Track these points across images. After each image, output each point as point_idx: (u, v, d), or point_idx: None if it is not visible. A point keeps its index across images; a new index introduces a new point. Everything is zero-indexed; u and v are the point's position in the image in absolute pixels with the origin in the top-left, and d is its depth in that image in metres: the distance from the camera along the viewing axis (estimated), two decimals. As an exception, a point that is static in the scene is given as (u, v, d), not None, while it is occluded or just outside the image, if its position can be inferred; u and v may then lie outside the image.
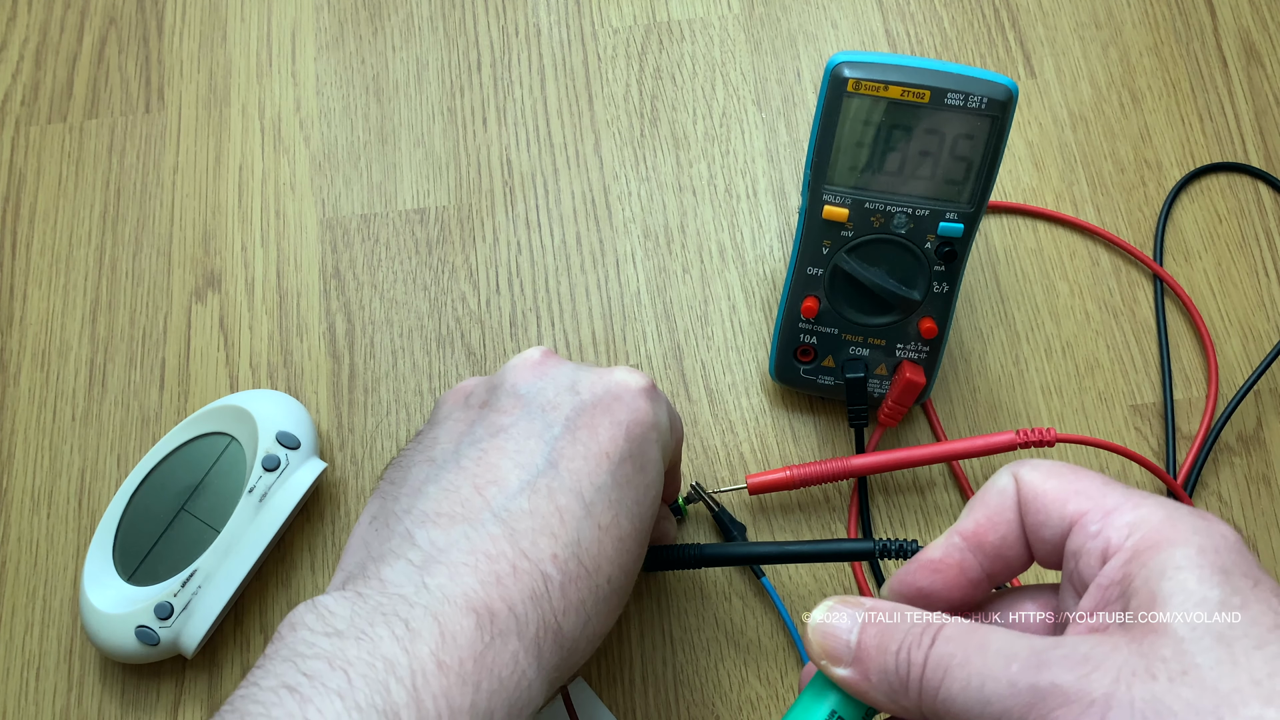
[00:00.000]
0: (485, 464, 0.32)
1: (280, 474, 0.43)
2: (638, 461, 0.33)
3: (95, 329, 0.49)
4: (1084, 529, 0.26)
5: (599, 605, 0.31)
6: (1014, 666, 0.24)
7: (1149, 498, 0.26)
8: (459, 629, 0.28)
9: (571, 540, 0.30)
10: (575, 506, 0.31)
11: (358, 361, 0.49)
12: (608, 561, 0.31)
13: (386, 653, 0.26)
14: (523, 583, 0.29)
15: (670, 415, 0.36)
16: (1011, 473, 0.28)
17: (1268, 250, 0.51)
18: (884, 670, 0.26)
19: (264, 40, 0.55)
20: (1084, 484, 0.27)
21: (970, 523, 0.28)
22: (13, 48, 0.54)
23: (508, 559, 0.29)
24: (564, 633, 0.30)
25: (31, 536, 0.46)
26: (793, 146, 0.53)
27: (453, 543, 0.30)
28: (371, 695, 0.25)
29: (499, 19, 0.55)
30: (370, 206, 0.51)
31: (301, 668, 0.26)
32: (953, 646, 0.25)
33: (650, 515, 0.33)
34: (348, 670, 0.26)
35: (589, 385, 0.34)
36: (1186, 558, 0.24)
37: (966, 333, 0.49)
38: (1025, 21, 0.55)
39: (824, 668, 0.28)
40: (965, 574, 0.28)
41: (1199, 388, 0.48)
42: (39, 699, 0.44)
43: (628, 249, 0.51)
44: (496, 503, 0.31)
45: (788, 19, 0.55)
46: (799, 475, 0.44)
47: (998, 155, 0.41)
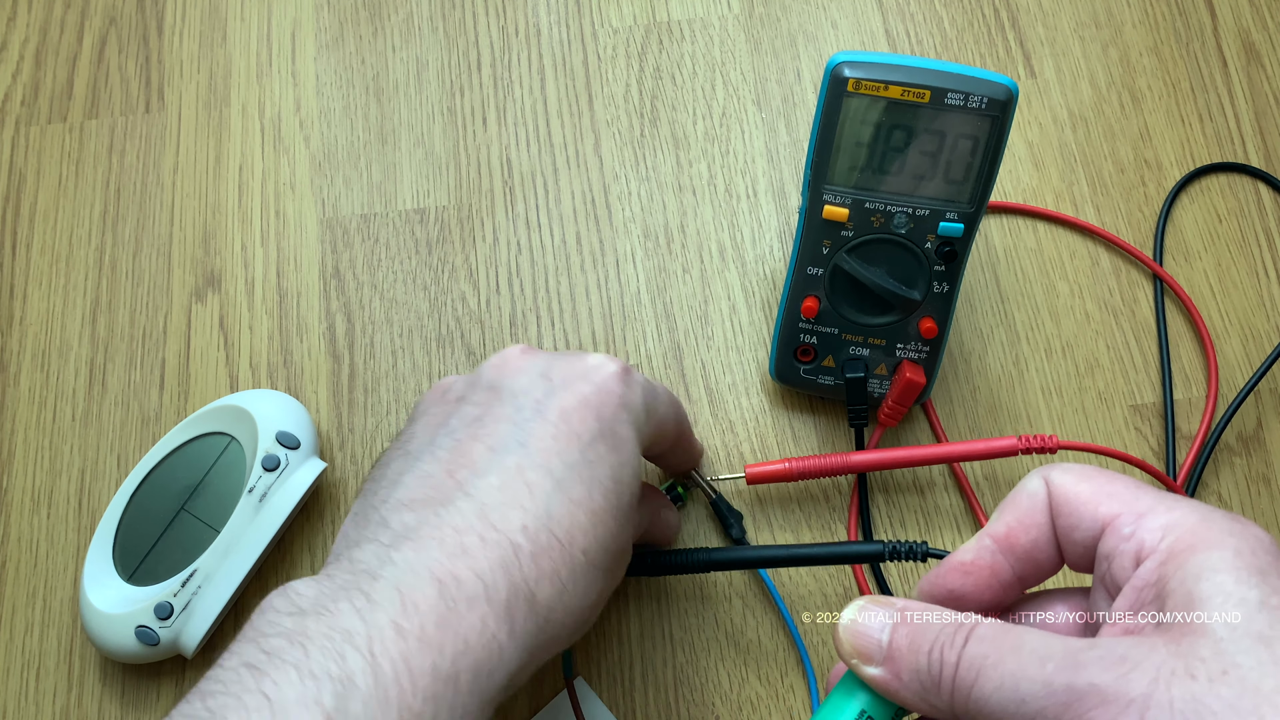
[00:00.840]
0: (459, 451, 0.33)
1: (280, 474, 0.43)
2: (610, 441, 0.33)
3: (95, 329, 0.49)
4: (1117, 531, 0.26)
5: (575, 577, 0.31)
6: (1049, 666, 0.24)
7: (1182, 501, 0.26)
8: (421, 596, 0.28)
9: (542, 513, 0.31)
10: (545, 481, 0.32)
11: (358, 361, 0.49)
12: (581, 534, 0.32)
13: (345, 624, 0.27)
14: (491, 552, 0.30)
15: (653, 395, 0.36)
16: (1042, 476, 0.28)
17: (1268, 250, 0.51)
18: (916, 670, 0.26)
19: (264, 40, 0.55)
20: (1116, 487, 0.27)
21: (1002, 525, 0.28)
22: (13, 48, 0.54)
23: (475, 531, 0.30)
24: (538, 600, 0.30)
25: (31, 536, 0.46)
26: (793, 146, 0.53)
27: (423, 521, 0.30)
28: (326, 663, 0.26)
29: (499, 19, 0.55)
30: (370, 206, 0.51)
31: (263, 646, 0.27)
32: (986, 646, 0.25)
33: (628, 493, 0.34)
34: (305, 644, 0.27)
35: (561, 371, 0.35)
36: (1223, 560, 0.24)
37: (966, 333, 0.49)
38: (1025, 21, 0.55)
39: (855, 667, 0.28)
40: (996, 576, 0.28)
41: (1199, 388, 0.48)
42: (39, 699, 0.44)
43: (628, 249, 0.51)
44: (467, 483, 0.32)
45: (788, 19, 0.55)
46: (798, 467, 0.44)
47: (998, 155, 0.41)
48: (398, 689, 0.27)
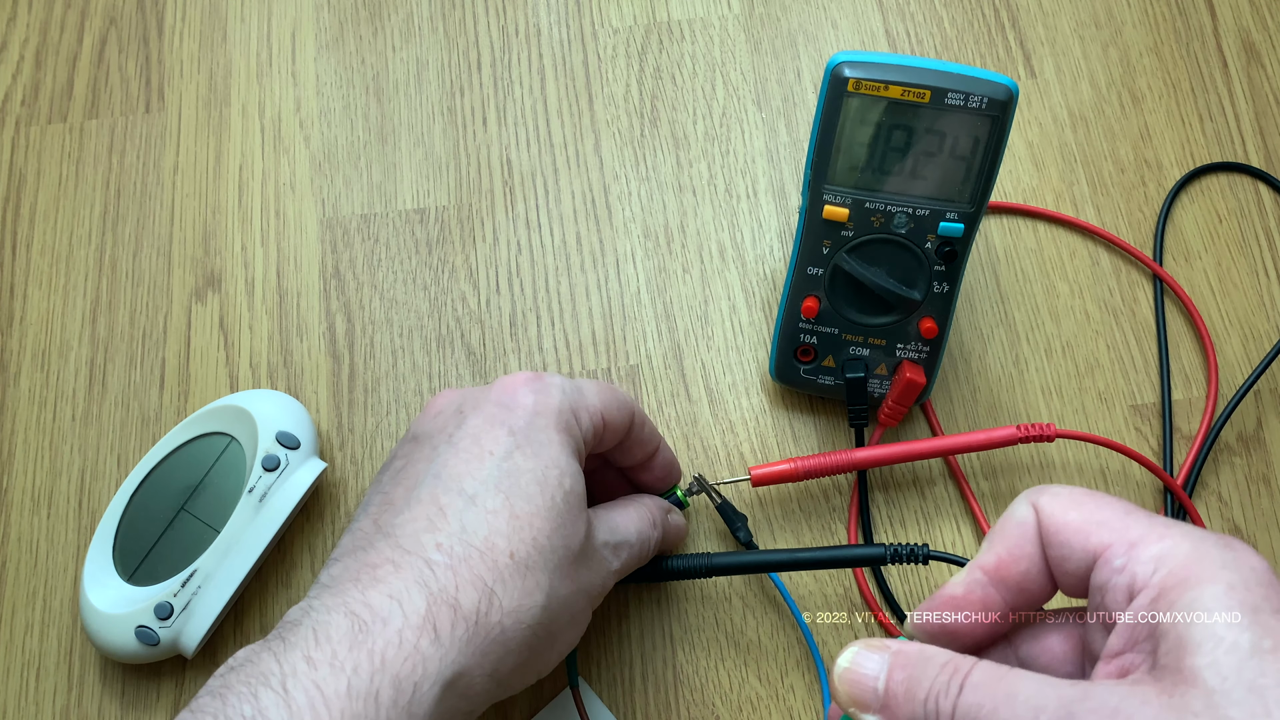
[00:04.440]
0: (384, 502, 0.35)
1: (280, 474, 0.43)
2: (528, 449, 0.35)
3: (95, 329, 0.49)
4: (1108, 564, 0.25)
5: (503, 579, 0.32)
6: (1042, 719, 0.23)
7: (1173, 526, 0.25)
8: (334, 628, 0.30)
9: (456, 529, 0.33)
10: (456, 501, 0.33)
11: (358, 361, 0.49)
12: (503, 539, 0.33)
13: (263, 669, 0.29)
14: (405, 574, 0.32)
15: (577, 393, 0.37)
16: (1030, 502, 0.28)
17: (1268, 250, 0.51)
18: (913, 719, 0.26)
19: (264, 40, 0.55)
20: (1106, 514, 0.26)
21: (991, 557, 0.28)
22: (13, 48, 0.54)
23: (389, 560, 0.32)
24: (463, 606, 0.31)
25: (31, 536, 0.46)
26: (793, 146, 0.53)
27: (344, 568, 0.33)
28: (241, 706, 0.28)
29: (499, 19, 0.55)
30: (370, 206, 0.51)
31: (192, 707, 0.29)
32: (980, 695, 0.25)
33: (559, 493, 0.34)
34: (225, 694, 0.29)
35: (472, 399, 0.37)
36: (1215, 598, 0.23)
37: (966, 333, 0.49)
38: (1025, 21, 0.55)
39: (852, 714, 0.28)
40: (988, 608, 0.28)
41: (1199, 388, 0.48)
42: (39, 699, 0.44)
43: (628, 249, 0.51)
44: (386, 524, 0.34)
45: (788, 19, 0.55)
46: (803, 467, 0.44)
47: (998, 155, 0.41)
48: (312, 714, 0.28)
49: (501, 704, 0.43)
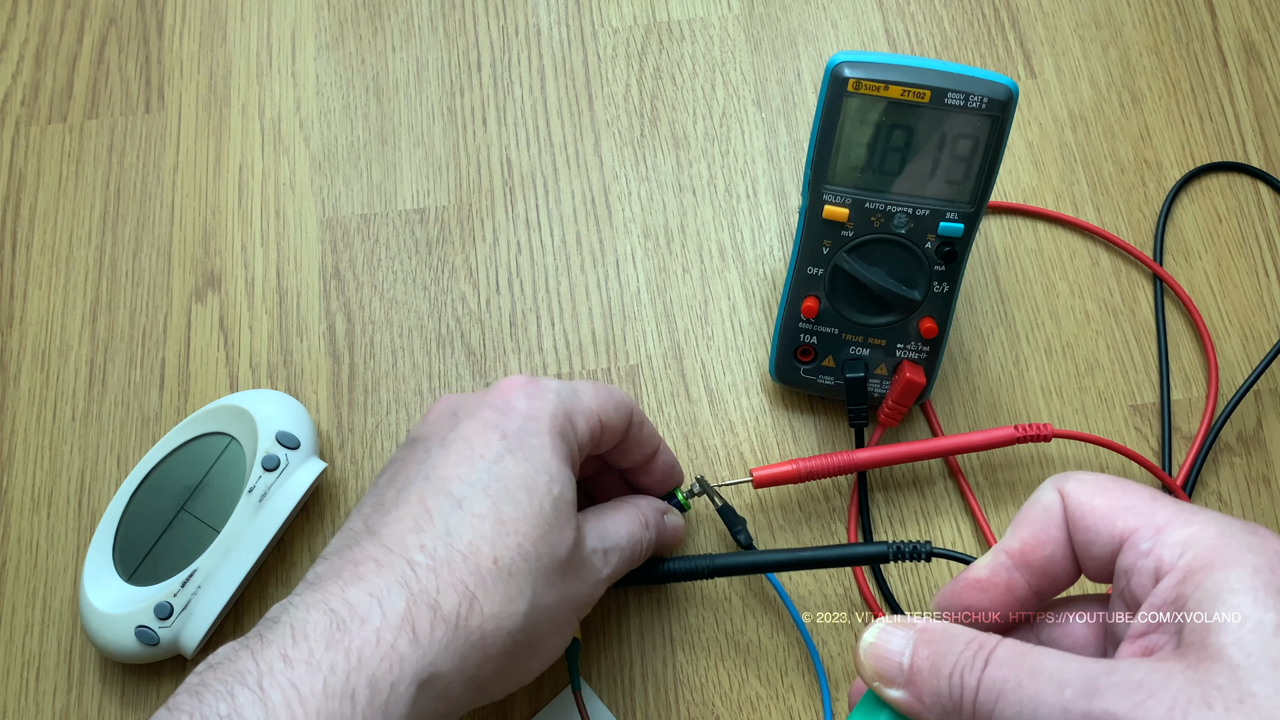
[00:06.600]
0: (376, 503, 0.35)
1: (280, 474, 0.43)
2: (519, 453, 0.35)
3: (95, 329, 0.49)
4: (1135, 547, 0.26)
5: (486, 583, 0.32)
6: (1067, 692, 0.24)
7: (1199, 512, 0.25)
8: (311, 626, 0.30)
9: (440, 531, 0.33)
10: (443, 504, 0.34)
11: (358, 361, 0.49)
12: (488, 544, 0.33)
13: (240, 667, 0.29)
14: (387, 573, 0.32)
15: (573, 395, 0.37)
16: (1056, 487, 0.28)
17: (1268, 250, 0.51)
18: (937, 693, 0.26)
19: (264, 40, 0.55)
20: (1132, 499, 0.27)
21: (1016, 540, 0.28)
22: (13, 48, 0.54)
23: (372, 559, 0.32)
24: (443, 608, 0.31)
25: (31, 536, 0.46)
26: (793, 146, 0.53)
27: (329, 566, 0.33)
28: (216, 704, 0.28)
29: (499, 19, 0.55)
30: (370, 206, 0.51)
31: (170, 705, 0.29)
32: (1005, 670, 0.25)
33: (548, 499, 0.34)
34: (202, 692, 0.29)
35: (468, 404, 0.37)
36: (1241, 579, 0.23)
37: (966, 333, 0.49)
38: (1025, 21, 0.55)
39: (877, 689, 0.28)
40: (1013, 592, 0.28)
41: (1199, 388, 0.48)
42: (39, 699, 0.44)
43: (628, 249, 0.51)
44: (374, 524, 0.34)
45: (788, 19, 0.55)
46: (805, 468, 0.44)
47: (998, 155, 0.41)
48: (288, 713, 0.28)
49: (501, 704, 0.43)
